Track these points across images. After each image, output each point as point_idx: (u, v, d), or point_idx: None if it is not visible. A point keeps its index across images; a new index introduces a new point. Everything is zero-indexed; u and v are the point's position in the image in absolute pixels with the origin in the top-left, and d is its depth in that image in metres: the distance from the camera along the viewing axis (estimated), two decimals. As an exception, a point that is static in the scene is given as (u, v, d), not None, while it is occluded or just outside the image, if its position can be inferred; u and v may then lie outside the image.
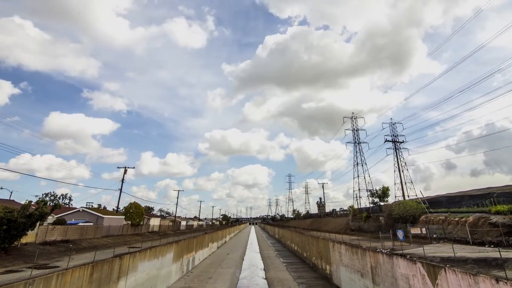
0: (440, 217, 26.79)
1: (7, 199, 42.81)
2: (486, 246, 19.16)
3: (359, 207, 53.99)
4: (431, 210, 30.87)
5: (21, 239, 19.75)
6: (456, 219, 24.52)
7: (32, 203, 21.27)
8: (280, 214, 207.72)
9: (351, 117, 64.05)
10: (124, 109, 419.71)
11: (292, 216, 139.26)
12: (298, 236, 58.87)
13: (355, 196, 58.61)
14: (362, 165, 60.16)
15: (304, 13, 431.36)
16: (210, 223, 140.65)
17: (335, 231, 49.65)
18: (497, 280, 11.63)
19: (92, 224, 38.21)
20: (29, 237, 21.97)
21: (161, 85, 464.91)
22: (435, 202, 33.60)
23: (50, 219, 34.50)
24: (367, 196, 52.62)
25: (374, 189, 48.02)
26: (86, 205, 62.23)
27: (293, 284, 32.77)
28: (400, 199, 42.33)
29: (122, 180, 49.59)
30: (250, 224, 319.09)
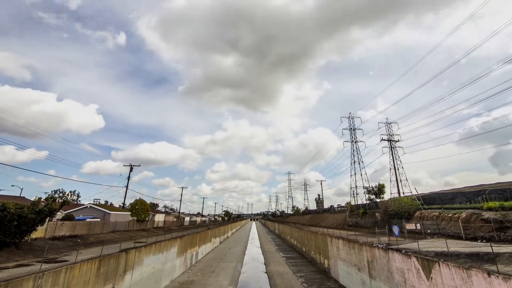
0: (434, 213, 26.73)
1: (17, 196, 42.96)
2: (479, 241, 19.11)
3: (356, 203, 53.99)
4: (425, 206, 30.79)
5: (31, 234, 19.83)
6: (450, 215, 24.46)
7: (42, 199, 21.30)
8: (280, 210, 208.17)
9: (348, 117, 64.01)
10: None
11: (291, 212, 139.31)
12: (298, 231, 58.89)
13: (352, 193, 58.69)
14: (359, 163, 60.20)
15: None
16: (213, 219, 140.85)
17: (333, 226, 49.62)
18: (489, 273, 11.61)
19: (99, 220, 38.32)
20: (39, 232, 22.06)
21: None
22: (429, 199, 33.49)
23: (59, 215, 34.61)
24: (364, 193, 52.63)
25: (370, 186, 47.98)
26: (94, 201, 62.46)
27: (293, 277, 32.79)
28: (395, 196, 42.29)
29: (128, 178, 49.66)
30: (251, 220, 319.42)
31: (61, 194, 25.94)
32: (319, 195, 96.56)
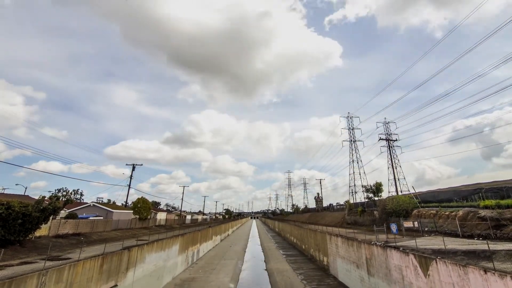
0: (432, 212, 26.73)
1: (22, 195, 43.06)
2: (475, 238, 19.11)
3: (354, 202, 54.01)
4: (422, 204, 30.79)
5: (35, 232, 19.82)
6: (447, 213, 24.46)
7: (46, 198, 21.34)
8: (280, 208, 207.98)
9: (347, 117, 64.00)
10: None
11: (291, 211, 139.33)
12: (297, 229, 58.92)
13: (351, 191, 58.68)
14: (358, 162, 60.18)
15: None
16: (214, 217, 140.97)
17: (332, 224, 49.66)
18: (486, 271, 11.60)
19: (102, 218, 38.38)
20: (43, 230, 22.08)
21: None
22: (426, 197, 33.50)
23: (63, 213, 34.66)
24: (362, 191, 52.59)
25: (368, 185, 47.97)
26: (97, 200, 62.55)
27: (292, 274, 32.81)
28: (393, 194, 42.30)
29: (131, 177, 49.79)
30: (251, 218, 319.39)
31: (64, 193, 26.01)
32: (318, 193, 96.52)
